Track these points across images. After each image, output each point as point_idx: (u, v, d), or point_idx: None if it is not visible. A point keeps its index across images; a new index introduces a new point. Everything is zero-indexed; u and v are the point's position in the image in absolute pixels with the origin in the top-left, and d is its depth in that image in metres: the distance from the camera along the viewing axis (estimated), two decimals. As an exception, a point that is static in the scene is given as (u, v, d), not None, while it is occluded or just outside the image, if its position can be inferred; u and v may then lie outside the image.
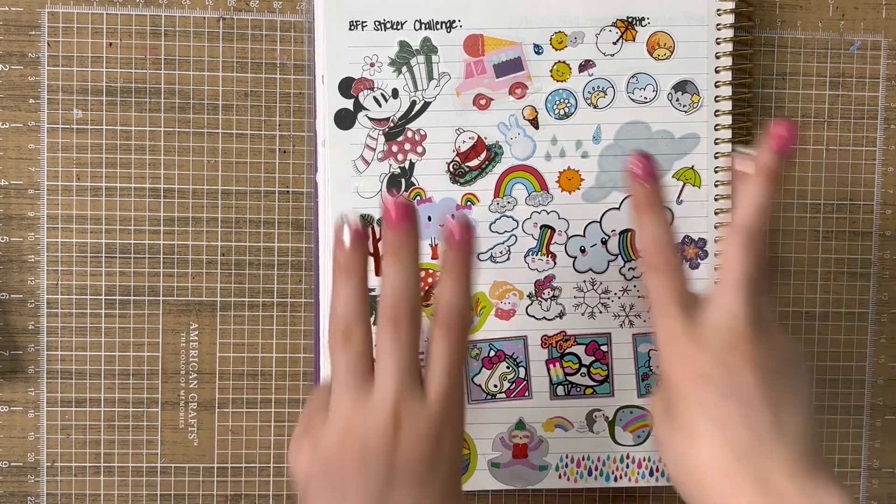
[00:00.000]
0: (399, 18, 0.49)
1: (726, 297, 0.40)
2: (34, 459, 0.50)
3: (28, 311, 0.50)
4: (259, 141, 0.50)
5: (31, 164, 0.49)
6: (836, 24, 0.52)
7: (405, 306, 0.39)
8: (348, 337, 0.39)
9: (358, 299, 0.39)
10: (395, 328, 0.38)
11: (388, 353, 0.38)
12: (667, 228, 0.42)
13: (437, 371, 0.39)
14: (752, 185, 0.41)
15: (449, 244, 0.40)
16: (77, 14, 0.49)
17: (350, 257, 0.39)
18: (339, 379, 0.39)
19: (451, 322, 0.39)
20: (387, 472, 0.37)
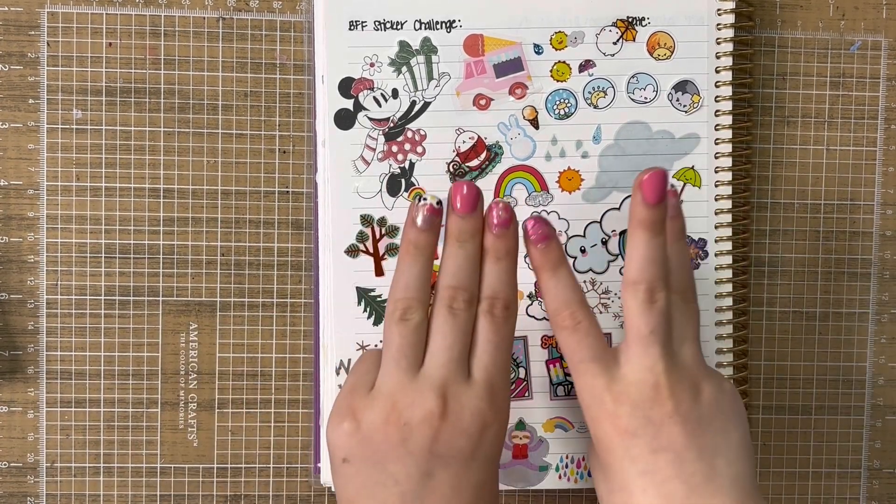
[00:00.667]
0: (399, 18, 0.48)
1: (637, 355, 0.40)
2: (34, 460, 0.50)
3: (28, 311, 0.50)
4: (259, 141, 0.50)
5: (31, 165, 0.49)
6: (837, 24, 0.52)
7: (463, 293, 0.40)
8: (406, 316, 0.39)
9: (421, 280, 0.40)
10: (451, 314, 0.39)
11: (442, 337, 0.39)
12: (573, 285, 0.41)
13: (484, 359, 0.40)
14: (634, 237, 0.41)
15: (494, 232, 0.40)
16: (76, 14, 0.49)
17: (420, 236, 0.40)
18: (389, 357, 0.40)
19: (496, 311, 0.40)
20: (428, 455, 0.38)
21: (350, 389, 0.40)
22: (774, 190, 0.52)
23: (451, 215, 0.40)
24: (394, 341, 0.40)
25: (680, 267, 0.42)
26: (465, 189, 0.40)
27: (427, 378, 0.39)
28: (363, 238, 0.49)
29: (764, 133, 0.52)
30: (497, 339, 0.40)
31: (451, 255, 0.40)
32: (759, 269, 0.52)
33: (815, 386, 0.53)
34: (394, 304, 0.40)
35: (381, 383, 0.40)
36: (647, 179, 0.40)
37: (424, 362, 0.39)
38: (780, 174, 0.52)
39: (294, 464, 0.51)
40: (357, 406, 0.39)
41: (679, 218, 0.43)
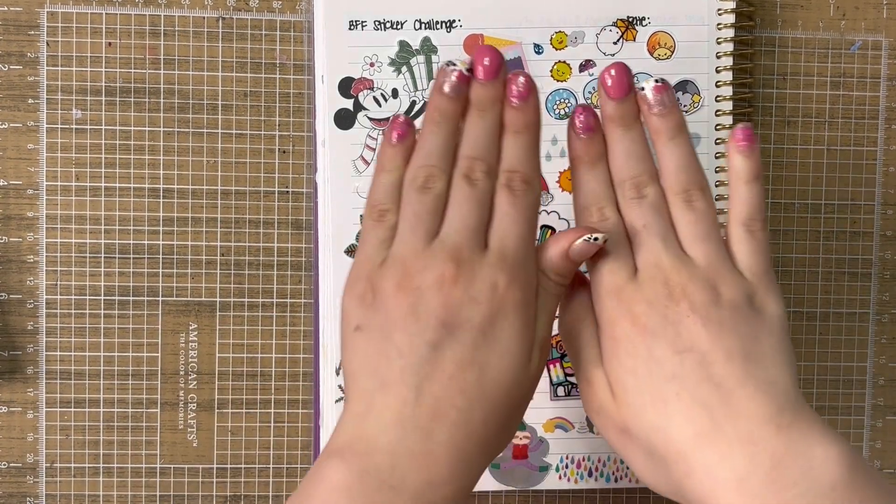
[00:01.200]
0: (399, 18, 0.48)
1: (639, 251, 0.39)
2: (33, 460, 0.50)
3: (27, 311, 0.50)
4: (259, 141, 0.50)
5: (31, 164, 0.49)
6: (837, 23, 0.52)
7: (481, 163, 0.38)
8: (427, 184, 0.38)
9: (444, 148, 0.38)
10: (469, 184, 0.37)
11: (458, 206, 0.37)
12: (607, 180, 0.40)
13: (500, 230, 0.37)
14: (608, 136, 0.40)
15: (512, 104, 0.38)
16: (76, 14, 0.49)
17: (447, 104, 0.38)
18: (406, 223, 0.38)
19: (514, 184, 0.38)
20: (436, 323, 0.35)
21: (366, 258, 0.38)
22: (775, 190, 0.52)
23: (473, 83, 0.38)
24: (411, 208, 0.38)
25: (679, 167, 0.39)
26: (488, 56, 0.38)
27: (441, 244, 0.37)
28: (363, 238, 0.49)
29: (764, 133, 0.52)
30: (514, 212, 0.37)
31: (472, 125, 0.38)
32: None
33: (815, 386, 0.53)
34: (415, 170, 0.38)
35: (395, 250, 0.37)
36: (609, 75, 0.39)
37: (440, 231, 0.37)
38: (780, 174, 0.52)
39: (294, 464, 0.51)
40: (373, 272, 0.37)
41: (672, 114, 0.40)
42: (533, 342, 0.37)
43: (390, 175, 0.39)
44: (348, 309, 0.38)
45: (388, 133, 0.39)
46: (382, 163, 0.39)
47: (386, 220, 0.38)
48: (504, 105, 0.39)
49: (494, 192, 0.38)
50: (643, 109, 0.39)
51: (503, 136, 0.39)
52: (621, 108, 0.39)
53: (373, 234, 0.38)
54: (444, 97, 0.38)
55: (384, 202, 0.39)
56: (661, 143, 0.39)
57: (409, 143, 0.39)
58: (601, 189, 0.39)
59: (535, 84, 0.39)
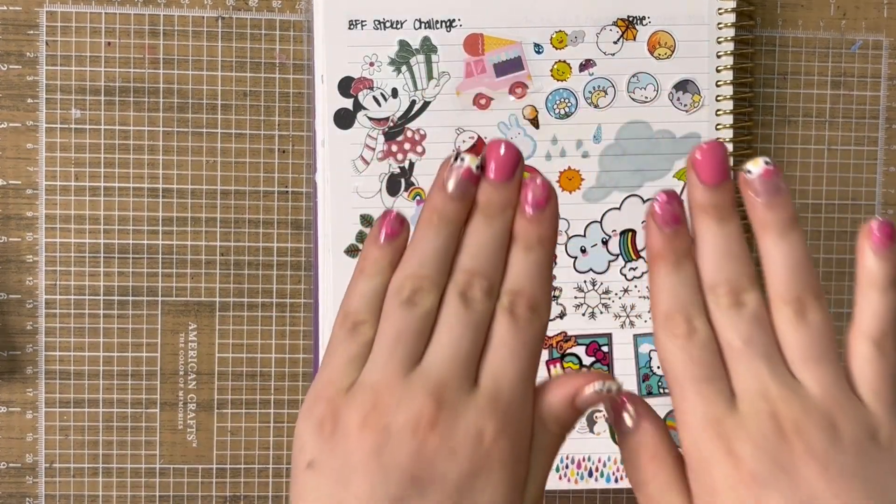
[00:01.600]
0: (399, 17, 0.48)
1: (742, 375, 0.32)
2: (32, 460, 0.50)
3: (26, 311, 0.50)
4: (258, 141, 0.50)
5: (30, 164, 0.49)
6: (838, 23, 0.52)
7: (481, 280, 0.32)
8: (414, 299, 0.32)
9: (441, 257, 0.33)
10: (464, 303, 0.32)
11: (448, 330, 0.31)
12: (696, 284, 0.33)
13: (495, 365, 0.31)
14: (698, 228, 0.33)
15: (526, 213, 0.33)
16: (75, 13, 0.49)
17: (448, 205, 0.33)
18: (384, 344, 0.32)
19: (518, 310, 0.32)
20: (403, 474, 0.30)
21: (330, 377, 0.32)
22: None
23: (483, 181, 0.33)
24: (392, 326, 0.32)
25: (791, 270, 0.32)
26: (503, 150, 0.32)
27: (422, 376, 0.31)
28: (363, 238, 0.49)
29: (765, 133, 0.52)
30: (514, 343, 0.32)
31: (476, 232, 0.33)
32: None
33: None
34: (402, 280, 0.32)
35: (367, 374, 0.31)
36: (701, 153, 0.32)
37: (423, 358, 0.31)
38: (780, 174, 0.52)
39: (293, 464, 0.51)
40: (337, 397, 0.31)
41: (785, 204, 0.32)
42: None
43: (372, 281, 0.33)
44: (303, 436, 0.32)
45: (376, 230, 0.34)
46: (364, 265, 0.33)
47: (360, 333, 0.32)
48: (516, 212, 0.33)
49: (493, 314, 0.32)
50: (746, 196, 0.33)
51: (511, 249, 0.33)
52: (717, 195, 0.32)
53: (342, 350, 0.32)
54: (447, 197, 0.33)
55: (360, 312, 0.33)
56: (768, 239, 0.32)
57: (399, 245, 0.33)
58: (688, 294, 0.32)
59: (554, 191, 0.33)
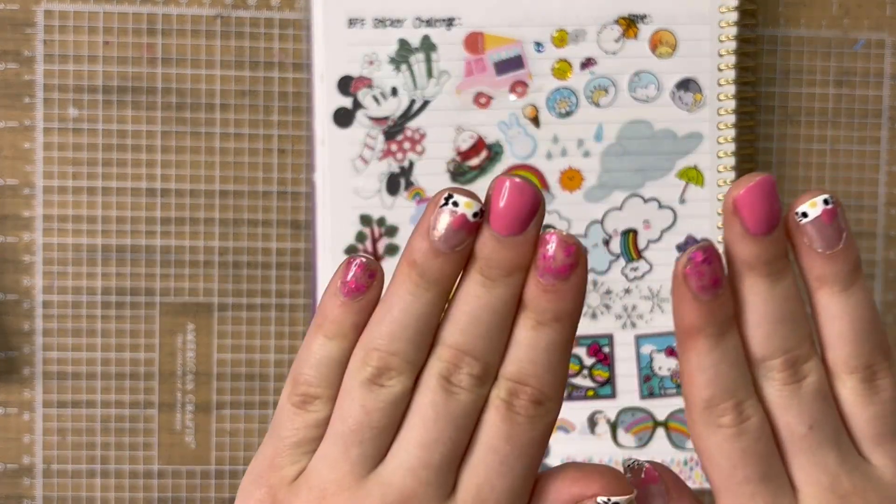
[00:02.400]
0: (398, 16, 0.48)
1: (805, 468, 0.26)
2: (30, 462, 0.50)
3: (23, 311, 0.49)
4: (257, 140, 0.50)
5: (27, 164, 0.49)
6: (840, 21, 0.52)
7: (472, 362, 0.25)
8: (380, 380, 0.25)
9: (419, 328, 0.26)
10: (447, 391, 0.25)
11: (422, 426, 0.25)
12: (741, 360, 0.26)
13: (479, 475, 0.25)
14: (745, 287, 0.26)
15: (543, 279, 0.25)
16: (73, 12, 0.49)
17: (434, 261, 0.25)
18: (338, 436, 0.25)
19: (518, 403, 0.25)
20: None
21: (272, 461, 0.26)
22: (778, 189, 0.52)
23: (484, 230, 0.25)
24: (351, 413, 0.25)
25: (859, 332, 0.26)
26: (515, 192, 0.24)
27: (382, 484, 0.25)
28: (362, 238, 0.49)
29: (767, 132, 0.52)
30: (508, 449, 0.25)
31: (470, 297, 0.25)
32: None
33: None
34: (367, 352, 0.25)
35: (315, 468, 0.26)
36: (748, 193, 0.25)
37: (387, 458, 0.25)
38: (783, 173, 0.52)
39: (292, 466, 0.51)
40: (278, 486, 0.26)
41: (849, 252, 0.26)
42: None
43: (330, 345, 0.26)
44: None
45: (339, 280, 0.26)
46: (322, 322, 0.26)
47: (312, 411, 0.26)
48: (529, 275, 0.25)
49: (485, 404, 0.25)
50: (798, 245, 0.26)
51: (517, 322, 0.26)
52: (769, 248, 0.26)
53: (290, 427, 0.26)
54: (431, 249, 0.25)
55: (313, 384, 0.26)
56: (827, 295, 0.26)
57: (367, 304, 0.26)
58: (734, 373, 0.25)
59: (583, 250, 0.25)
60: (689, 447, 0.50)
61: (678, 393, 0.50)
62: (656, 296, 0.50)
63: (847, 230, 0.26)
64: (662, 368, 0.50)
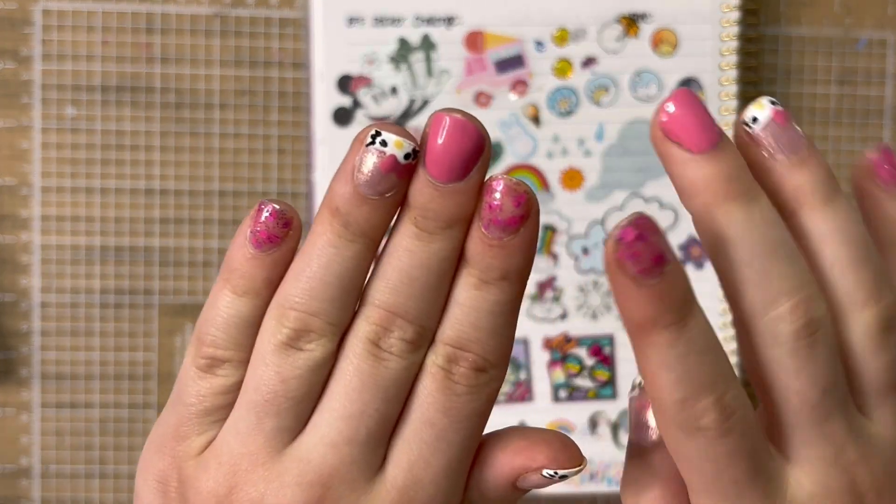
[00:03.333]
0: (398, 14, 0.48)
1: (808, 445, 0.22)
2: (27, 463, 0.50)
3: (21, 312, 0.49)
4: (256, 140, 0.50)
5: (24, 163, 0.49)
6: (842, 20, 0.52)
7: (404, 325, 0.22)
8: (298, 342, 0.22)
9: (343, 284, 0.22)
10: (374, 357, 0.22)
11: (345, 396, 0.22)
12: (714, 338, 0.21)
13: (412, 450, 0.22)
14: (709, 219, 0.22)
15: (488, 230, 0.22)
16: (71, 11, 0.49)
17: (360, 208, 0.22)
18: (250, 404, 0.23)
19: (457, 371, 0.22)
20: None
21: (176, 429, 0.24)
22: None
23: (419, 174, 0.22)
24: (265, 380, 0.22)
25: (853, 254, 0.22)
26: (459, 131, 0.21)
27: (300, 461, 0.22)
28: (362, 238, 0.49)
29: (769, 131, 0.51)
30: (446, 421, 0.22)
31: (402, 250, 0.22)
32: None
33: None
34: (282, 311, 0.22)
35: (224, 439, 0.23)
36: (673, 113, 0.22)
37: (306, 430, 0.23)
38: (785, 173, 0.52)
39: (292, 467, 0.51)
40: (184, 458, 0.23)
41: (814, 160, 0.22)
42: None
43: (239, 302, 0.23)
44: (142, 498, 0.24)
45: (248, 228, 0.23)
46: (229, 275, 0.23)
47: (218, 374, 0.23)
48: (472, 228, 0.22)
49: (419, 372, 0.23)
50: (760, 162, 0.22)
51: (457, 279, 0.23)
52: (725, 162, 0.21)
53: (195, 393, 0.23)
54: (355, 195, 0.22)
55: (221, 345, 0.23)
56: (809, 214, 0.22)
57: (281, 257, 0.23)
58: (708, 363, 0.21)
59: (534, 199, 0.22)
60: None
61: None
62: (657, 296, 0.50)
63: (807, 137, 0.22)
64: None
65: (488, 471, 0.23)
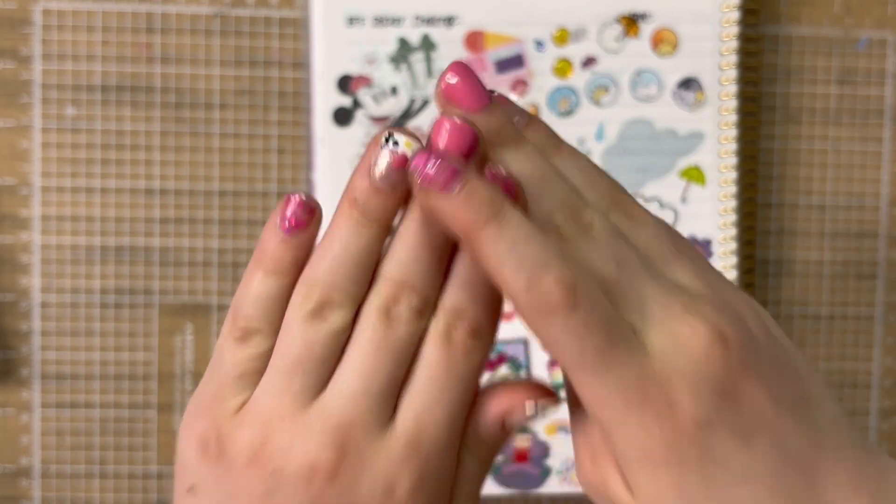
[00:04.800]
0: (398, 14, 0.48)
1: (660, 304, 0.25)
2: (27, 463, 0.50)
3: (20, 312, 0.49)
4: (256, 139, 0.50)
5: (24, 163, 0.49)
6: (842, 20, 0.52)
7: (411, 294, 0.26)
8: (322, 313, 0.26)
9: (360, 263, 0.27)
10: (386, 323, 0.26)
11: (361, 356, 0.26)
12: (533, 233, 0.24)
13: (419, 401, 0.26)
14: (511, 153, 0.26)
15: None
16: (71, 11, 0.49)
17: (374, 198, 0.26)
18: (279, 367, 0.27)
19: (456, 334, 0.26)
20: None
21: (216, 392, 0.27)
22: (780, 189, 0.52)
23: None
24: (292, 346, 0.26)
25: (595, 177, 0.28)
26: (458, 132, 0.25)
27: (324, 412, 0.26)
28: (362, 238, 0.49)
29: (769, 131, 0.52)
30: (447, 378, 0.26)
31: (409, 233, 0.26)
32: (765, 269, 0.52)
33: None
34: (308, 288, 0.26)
35: (258, 398, 0.27)
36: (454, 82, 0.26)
37: (327, 387, 0.26)
38: (785, 173, 0.52)
39: (292, 467, 0.51)
40: (222, 419, 0.27)
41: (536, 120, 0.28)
42: None
43: (270, 281, 0.27)
44: (184, 456, 0.27)
45: (279, 216, 0.27)
46: (261, 258, 0.27)
47: (251, 343, 0.27)
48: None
49: (424, 336, 0.26)
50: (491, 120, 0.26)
51: (458, 258, 0.27)
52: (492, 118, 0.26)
53: (231, 360, 0.27)
54: (372, 188, 0.26)
55: (253, 318, 0.27)
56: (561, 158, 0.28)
57: (306, 240, 0.27)
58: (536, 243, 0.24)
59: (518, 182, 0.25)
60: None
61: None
62: (658, 296, 0.50)
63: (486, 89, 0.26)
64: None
65: (481, 416, 0.27)
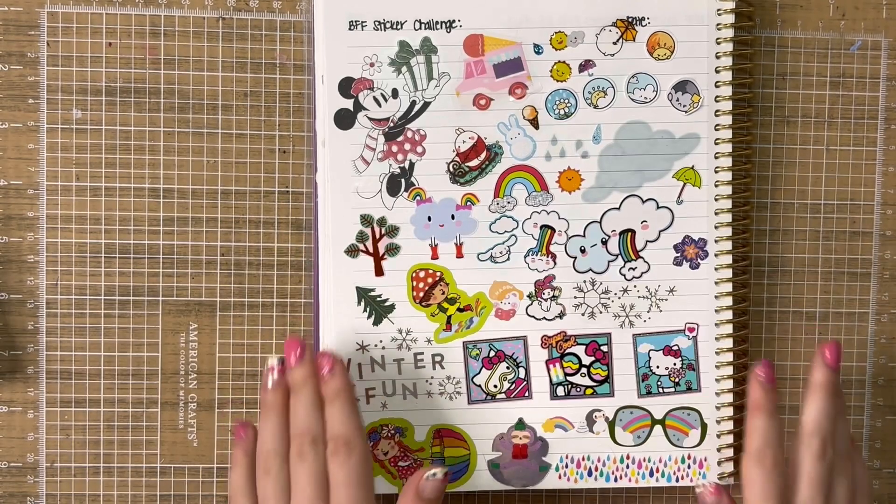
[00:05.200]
0: (399, 18, 0.48)
1: None
2: (33, 460, 0.50)
3: (27, 311, 0.50)
4: (259, 141, 0.50)
5: (31, 164, 0.49)
6: (837, 23, 0.52)
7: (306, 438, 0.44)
8: (267, 469, 0.44)
9: (275, 434, 0.44)
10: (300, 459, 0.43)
11: (296, 482, 0.43)
12: (780, 431, 0.46)
13: (339, 499, 0.43)
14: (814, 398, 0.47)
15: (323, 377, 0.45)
16: (76, 14, 0.49)
17: (268, 395, 0.45)
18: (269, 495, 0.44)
19: (338, 450, 0.43)
20: None
21: None
22: (774, 190, 0.52)
23: (288, 370, 0.45)
24: (265, 493, 0.44)
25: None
26: (293, 346, 0.45)
27: None
28: (363, 238, 0.49)
29: (764, 133, 0.52)
30: (343, 474, 0.42)
31: (294, 404, 0.44)
32: (760, 269, 0.52)
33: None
34: (260, 458, 0.44)
35: None
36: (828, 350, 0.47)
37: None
38: (780, 174, 0.52)
39: (294, 464, 0.51)
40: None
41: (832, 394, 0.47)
42: None
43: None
44: None
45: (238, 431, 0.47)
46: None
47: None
48: (319, 382, 0.44)
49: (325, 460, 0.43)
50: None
51: (325, 408, 0.44)
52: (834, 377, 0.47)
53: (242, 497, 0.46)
54: (268, 392, 0.45)
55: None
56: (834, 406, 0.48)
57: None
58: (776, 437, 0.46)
59: (339, 357, 0.45)
60: (685, 444, 0.51)
61: (675, 391, 0.51)
62: (654, 295, 0.50)
63: None
64: (660, 367, 0.50)
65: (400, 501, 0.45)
